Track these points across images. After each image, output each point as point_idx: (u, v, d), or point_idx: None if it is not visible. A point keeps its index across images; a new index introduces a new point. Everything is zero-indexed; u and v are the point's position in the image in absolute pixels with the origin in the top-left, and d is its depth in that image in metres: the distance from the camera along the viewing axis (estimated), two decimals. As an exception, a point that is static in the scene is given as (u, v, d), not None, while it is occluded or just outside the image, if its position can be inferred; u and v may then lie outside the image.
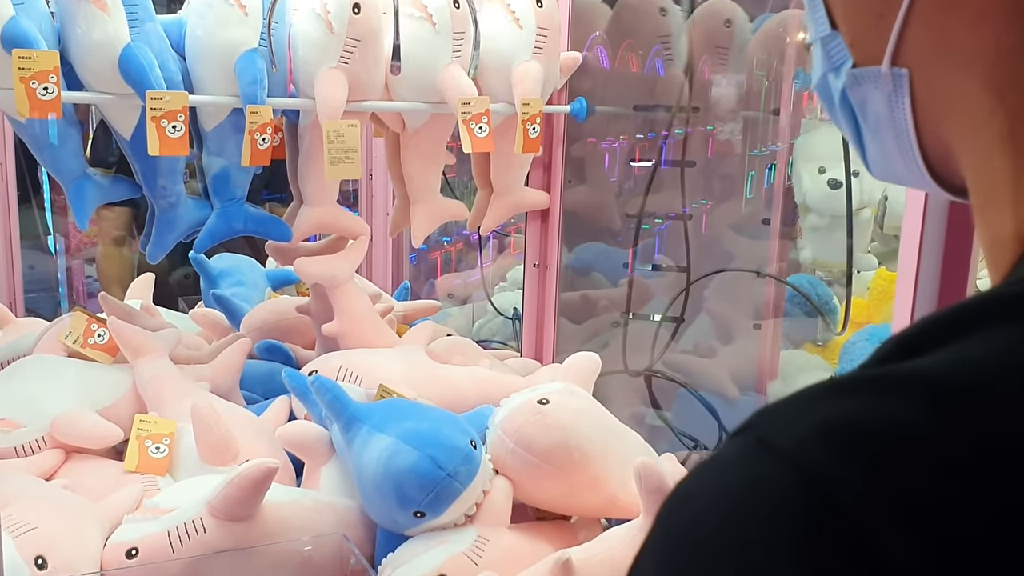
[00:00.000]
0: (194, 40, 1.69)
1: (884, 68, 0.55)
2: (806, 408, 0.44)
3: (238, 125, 1.72)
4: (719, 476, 0.43)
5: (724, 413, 2.13)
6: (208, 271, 2.40)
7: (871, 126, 0.59)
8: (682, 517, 0.43)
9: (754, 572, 0.39)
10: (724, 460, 0.44)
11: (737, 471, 0.43)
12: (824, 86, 0.62)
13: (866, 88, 0.58)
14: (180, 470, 1.60)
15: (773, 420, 0.44)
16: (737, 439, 0.44)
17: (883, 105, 0.57)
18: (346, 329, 1.89)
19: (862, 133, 0.61)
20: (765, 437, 0.43)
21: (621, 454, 1.46)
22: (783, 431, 0.43)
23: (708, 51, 2.21)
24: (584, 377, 1.59)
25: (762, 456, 0.42)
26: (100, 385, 1.73)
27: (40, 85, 1.50)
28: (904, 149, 0.57)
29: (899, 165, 0.59)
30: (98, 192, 1.77)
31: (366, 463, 1.36)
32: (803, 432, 0.42)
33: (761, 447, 0.42)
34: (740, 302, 2.38)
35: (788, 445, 0.42)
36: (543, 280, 2.24)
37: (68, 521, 1.35)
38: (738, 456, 0.43)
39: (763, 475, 0.41)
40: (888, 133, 0.57)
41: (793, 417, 0.43)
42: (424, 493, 1.32)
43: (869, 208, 2.13)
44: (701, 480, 0.44)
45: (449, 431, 1.38)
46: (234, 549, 1.34)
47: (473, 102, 1.81)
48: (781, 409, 0.44)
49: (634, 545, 1.32)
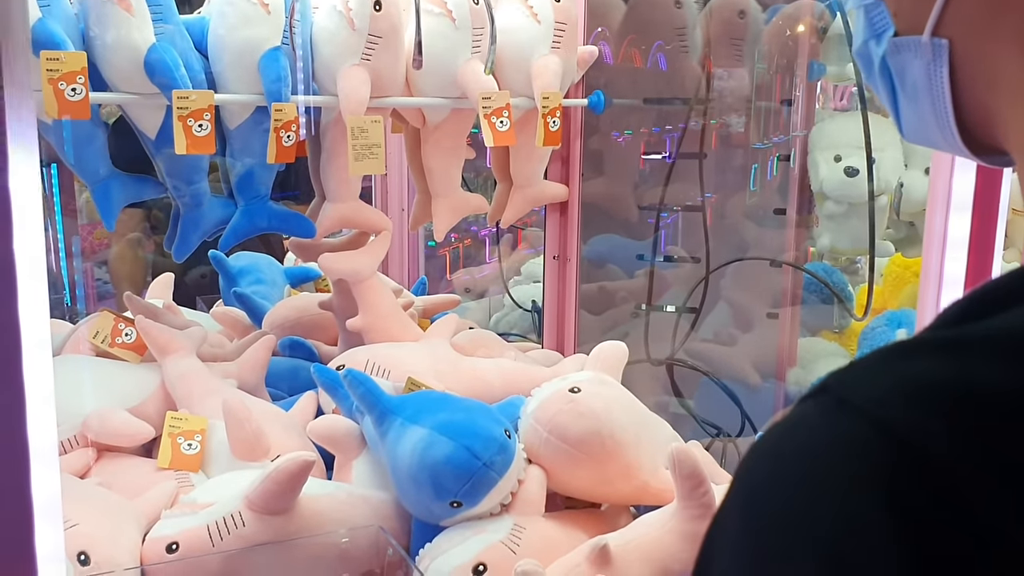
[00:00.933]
0: (216, 39, 1.70)
1: (925, 38, 0.57)
2: (882, 368, 0.45)
3: (261, 123, 1.74)
4: (801, 435, 0.45)
5: (745, 400, 2.14)
6: (227, 270, 2.41)
7: (908, 92, 0.61)
8: (766, 475, 0.45)
9: (844, 522, 0.40)
10: (803, 420, 0.45)
11: (819, 430, 0.44)
12: (864, 52, 0.65)
13: (905, 56, 0.60)
14: (212, 466, 1.61)
15: (850, 380, 0.45)
16: (813, 400, 0.45)
17: (921, 73, 0.59)
18: (371, 323, 1.90)
19: (898, 98, 0.64)
20: (845, 396, 0.44)
21: (653, 442, 1.47)
22: (862, 390, 0.44)
23: (723, 43, 2.22)
24: (612, 365, 1.60)
25: (843, 414, 0.43)
26: (129, 384, 1.74)
27: (68, 86, 1.51)
28: (939, 115, 0.59)
29: (933, 130, 0.61)
30: (124, 192, 1.78)
31: (401, 455, 1.37)
32: (883, 391, 0.43)
33: (841, 406, 0.44)
34: (757, 291, 2.39)
35: (869, 404, 0.43)
36: (563, 272, 2.25)
37: (107, 517, 1.36)
38: (819, 416, 0.44)
39: (846, 432, 0.42)
40: (924, 99, 0.60)
41: (871, 377, 0.45)
42: (461, 483, 1.33)
43: (885, 195, 2.14)
44: (782, 439, 0.45)
45: (484, 421, 1.39)
46: (273, 542, 1.35)
47: (494, 96, 1.82)
48: (856, 370, 0.45)
49: (668, 531, 1.33)
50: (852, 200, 2.15)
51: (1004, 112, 0.55)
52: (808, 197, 2.33)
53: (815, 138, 2.21)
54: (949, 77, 0.57)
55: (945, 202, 1.30)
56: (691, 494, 1.30)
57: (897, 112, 0.65)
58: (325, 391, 1.66)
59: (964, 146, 0.60)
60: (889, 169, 2.11)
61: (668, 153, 2.28)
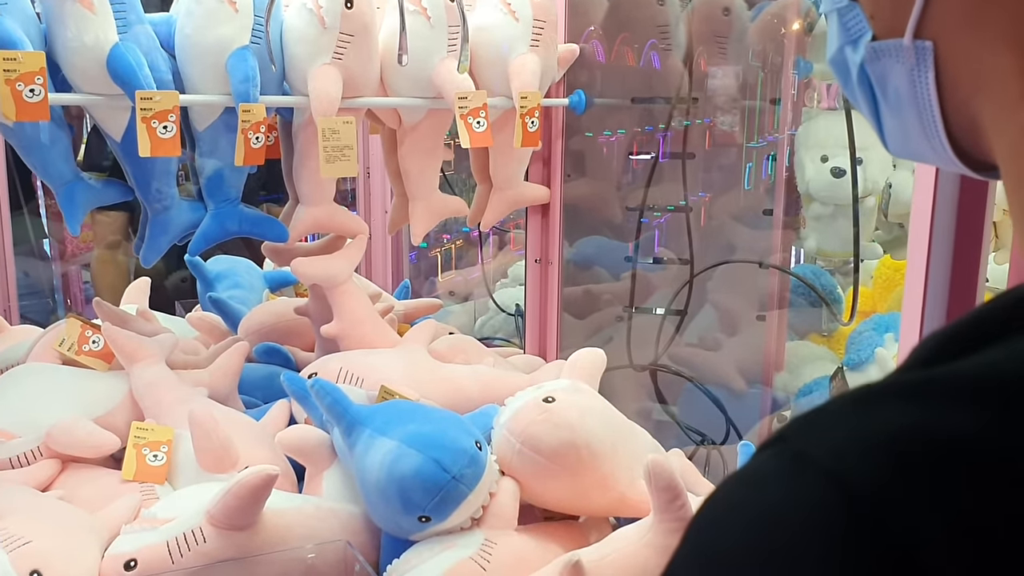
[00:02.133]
0: (183, 38, 1.66)
1: (907, 41, 0.52)
2: (845, 417, 0.40)
3: (231, 124, 1.69)
4: (753, 493, 0.40)
5: (730, 406, 2.10)
6: (204, 274, 2.37)
7: (890, 102, 0.57)
8: (715, 538, 0.40)
9: None
10: (758, 474, 0.41)
11: (773, 488, 0.39)
12: (840, 60, 0.60)
13: (886, 62, 0.55)
14: (179, 478, 1.57)
15: (810, 431, 0.40)
16: (770, 451, 0.41)
17: (904, 80, 0.54)
18: (346, 330, 1.86)
19: (880, 109, 0.59)
20: (802, 449, 0.39)
21: (630, 452, 1.42)
22: (821, 443, 0.39)
23: (707, 41, 2.18)
24: (590, 373, 1.56)
25: (800, 471, 0.39)
26: (96, 393, 1.70)
27: (26, 87, 1.46)
28: (927, 125, 0.54)
29: (920, 142, 0.56)
30: (89, 196, 1.73)
31: (369, 467, 1.33)
32: (844, 444, 0.38)
33: (798, 461, 0.39)
34: (744, 294, 2.35)
35: (828, 459, 0.38)
36: (545, 275, 2.20)
37: (64, 533, 1.32)
38: (774, 471, 0.40)
39: (802, 493, 0.38)
40: (909, 109, 0.55)
41: (832, 427, 0.40)
42: (429, 497, 1.28)
43: (873, 196, 2.09)
44: (734, 497, 0.41)
45: (454, 433, 1.34)
46: (235, 559, 1.31)
47: (471, 96, 1.78)
48: (818, 418, 0.41)
49: (644, 545, 1.29)
50: (839, 201, 2.11)
51: (988, 117, 0.51)
52: (796, 198, 2.29)
53: (801, 137, 2.17)
54: (935, 83, 0.52)
55: (930, 202, 1.26)
56: (667, 507, 1.26)
57: (880, 124, 0.60)
58: (295, 400, 1.62)
59: (956, 158, 0.55)
60: (877, 169, 2.07)
61: (652, 153, 2.23)
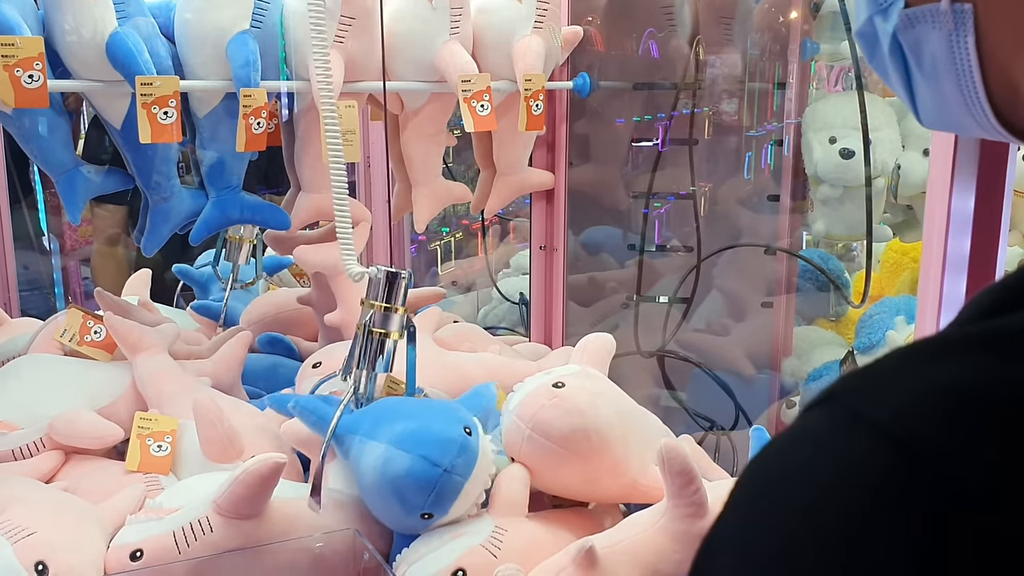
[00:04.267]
0: (183, 23, 1.64)
1: (944, 4, 0.50)
2: (901, 373, 0.37)
3: (231, 110, 1.67)
4: (805, 453, 0.37)
5: (739, 392, 2.08)
6: (196, 279, 2.36)
7: (925, 71, 0.54)
8: (765, 500, 0.37)
9: (857, 569, 0.33)
10: (809, 434, 0.38)
11: (826, 448, 0.37)
12: (869, 31, 0.57)
13: (921, 29, 0.52)
14: (183, 468, 1.55)
15: (864, 388, 0.38)
16: (820, 410, 0.38)
17: (942, 46, 0.51)
18: (350, 318, 1.83)
19: (913, 79, 0.56)
20: (857, 408, 0.37)
21: (640, 437, 1.40)
22: (877, 400, 0.36)
23: (712, 23, 2.15)
24: (600, 359, 1.54)
25: (856, 431, 0.36)
26: (98, 384, 1.69)
27: (25, 73, 1.44)
28: (966, 92, 0.52)
29: (959, 111, 0.53)
30: (89, 184, 1.71)
31: (364, 472, 1.31)
32: (902, 401, 0.36)
33: (853, 420, 0.36)
34: (751, 279, 2.33)
35: (885, 417, 0.35)
36: (550, 263, 2.18)
37: (69, 524, 1.30)
38: (826, 430, 0.37)
39: (857, 452, 0.35)
40: (947, 76, 0.52)
41: (888, 384, 0.37)
42: (425, 495, 1.26)
43: (882, 178, 2.07)
44: (783, 458, 0.38)
45: (440, 425, 1.31)
46: (242, 548, 1.29)
47: (474, 79, 1.75)
48: (871, 375, 0.38)
49: (658, 530, 1.27)
50: (848, 183, 2.08)
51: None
52: (802, 182, 2.26)
53: (809, 119, 2.14)
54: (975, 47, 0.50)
55: (947, 182, 1.24)
56: (681, 492, 1.24)
57: (912, 96, 0.57)
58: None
59: (999, 124, 0.52)
60: (886, 150, 2.04)
61: (658, 140, 2.21)
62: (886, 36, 0.55)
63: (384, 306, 1.41)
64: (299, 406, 1.41)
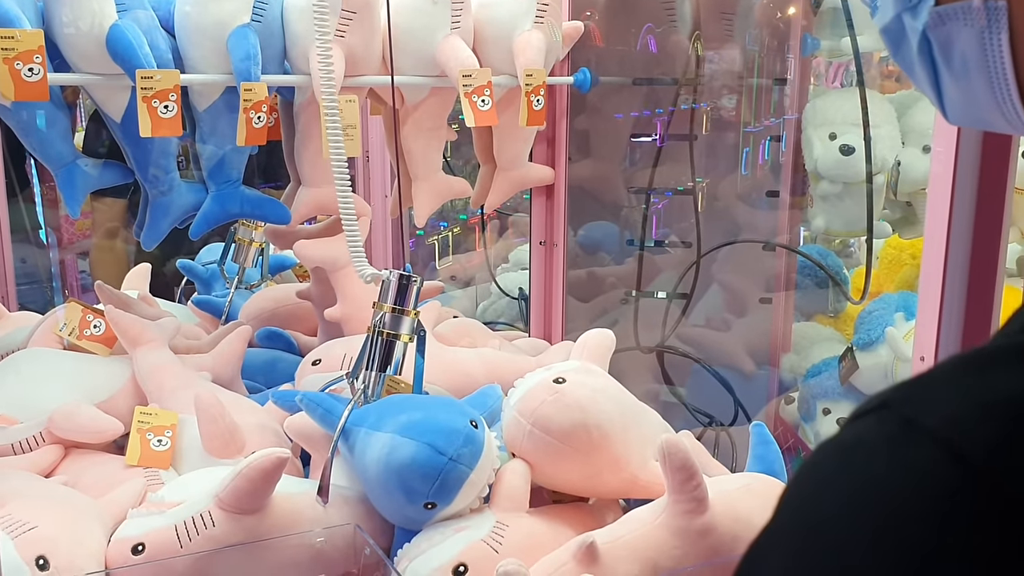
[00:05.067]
0: (183, 16, 1.63)
1: (977, 2, 0.50)
2: (957, 382, 0.37)
3: (232, 104, 1.67)
4: (858, 461, 0.37)
5: (738, 387, 2.08)
6: (199, 275, 2.35)
7: (955, 68, 0.54)
8: (818, 508, 0.37)
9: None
10: (861, 442, 0.37)
11: (880, 456, 0.36)
12: (896, 28, 0.57)
13: (952, 26, 0.52)
14: (183, 463, 1.55)
15: (918, 397, 0.37)
16: (871, 418, 0.37)
17: (973, 43, 0.51)
18: (349, 313, 1.84)
19: (940, 77, 0.56)
20: (912, 416, 0.36)
21: (641, 433, 1.40)
22: (932, 409, 0.36)
23: (713, 18, 2.15)
24: (600, 354, 1.54)
25: (909, 438, 0.35)
26: (98, 377, 1.68)
27: (25, 66, 1.43)
28: (998, 90, 0.52)
29: (988, 108, 0.53)
30: (89, 178, 1.71)
31: (368, 464, 1.31)
32: (958, 410, 0.35)
33: (907, 427, 0.36)
34: (750, 275, 2.33)
35: (941, 425, 0.35)
36: (550, 258, 2.18)
37: (69, 519, 1.30)
38: (879, 438, 0.37)
39: (913, 461, 0.35)
40: (978, 74, 0.52)
41: (942, 393, 0.37)
42: (429, 483, 1.26)
43: (882, 174, 2.07)
44: (835, 465, 0.38)
45: (446, 415, 1.32)
46: (244, 543, 1.29)
47: (475, 74, 1.75)
48: (926, 384, 0.37)
49: (658, 525, 1.27)
50: (848, 180, 2.09)
51: None
52: (801, 178, 2.26)
53: (809, 115, 2.14)
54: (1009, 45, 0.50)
55: (949, 181, 1.24)
56: (682, 487, 1.24)
57: (939, 92, 0.57)
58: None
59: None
60: (886, 147, 2.04)
61: (657, 135, 2.21)
62: (915, 33, 0.55)
63: (395, 308, 1.41)
64: (306, 400, 1.41)
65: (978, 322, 1.31)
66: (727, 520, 1.25)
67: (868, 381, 2.02)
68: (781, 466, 1.45)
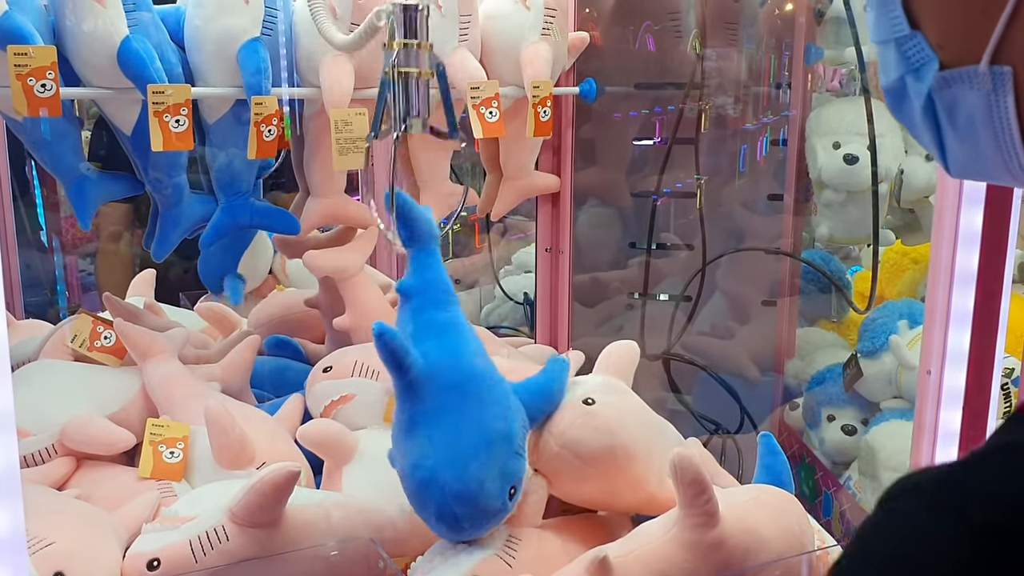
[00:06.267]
0: (193, 30, 1.64)
1: (983, 67, 0.51)
2: (1005, 469, 0.37)
3: (241, 117, 1.68)
4: (916, 555, 0.37)
5: (743, 394, 2.09)
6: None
7: (959, 128, 0.55)
8: None
9: None
10: (916, 534, 0.37)
11: (939, 549, 0.36)
12: (898, 88, 0.58)
13: (957, 89, 0.53)
14: (196, 474, 1.56)
15: (969, 485, 0.37)
16: (912, 501, 0.37)
17: (979, 106, 0.52)
18: (358, 322, 1.85)
19: (943, 134, 0.57)
20: (964, 507, 0.36)
21: (661, 452, 1.41)
22: (988, 498, 0.36)
23: (717, 27, 2.16)
24: (623, 368, 1.53)
25: (968, 531, 0.35)
26: (109, 389, 1.69)
27: (38, 82, 1.44)
28: (1004, 150, 0.53)
29: (995, 166, 0.54)
30: (99, 190, 1.72)
31: (404, 470, 1.28)
32: (1010, 497, 0.35)
33: (961, 519, 0.35)
34: (754, 280, 2.34)
35: (1003, 516, 0.35)
36: (556, 264, 2.19)
37: (85, 534, 1.31)
38: (936, 530, 0.36)
39: (975, 555, 0.34)
40: (984, 134, 0.53)
41: (992, 479, 0.37)
42: (456, 535, 1.28)
43: (886, 182, 2.08)
44: (886, 554, 0.37)
45: (490, 480, 1.24)
46: (258, 557, 1.30)
47: (483, 86, 1.76)
48: (973, 472, 0.37)
49: (669, 540, 1.27)
50: (852, 188, 2.10)
51: None
52: (805, 184, 2.28)
53: (812, 124, 2.15)
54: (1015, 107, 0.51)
55: (956, 195, 1.25)
56: (693, 502, 1.25)
57: (943, 148, 0.58)
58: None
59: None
60: (889, 156, 2.06)
61: (662, 139, 2.21)
62: (919, 95, 0.56)
63: (407, 44, 1.36)
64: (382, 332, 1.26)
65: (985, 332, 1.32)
66: (738, 533, 1.26)
67: (872, 388, 2.03)
68: (789, 477, 1.46)
